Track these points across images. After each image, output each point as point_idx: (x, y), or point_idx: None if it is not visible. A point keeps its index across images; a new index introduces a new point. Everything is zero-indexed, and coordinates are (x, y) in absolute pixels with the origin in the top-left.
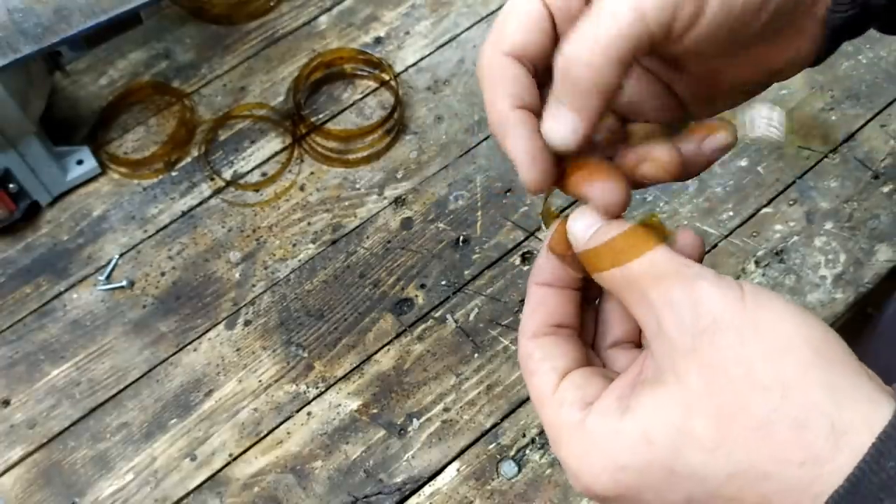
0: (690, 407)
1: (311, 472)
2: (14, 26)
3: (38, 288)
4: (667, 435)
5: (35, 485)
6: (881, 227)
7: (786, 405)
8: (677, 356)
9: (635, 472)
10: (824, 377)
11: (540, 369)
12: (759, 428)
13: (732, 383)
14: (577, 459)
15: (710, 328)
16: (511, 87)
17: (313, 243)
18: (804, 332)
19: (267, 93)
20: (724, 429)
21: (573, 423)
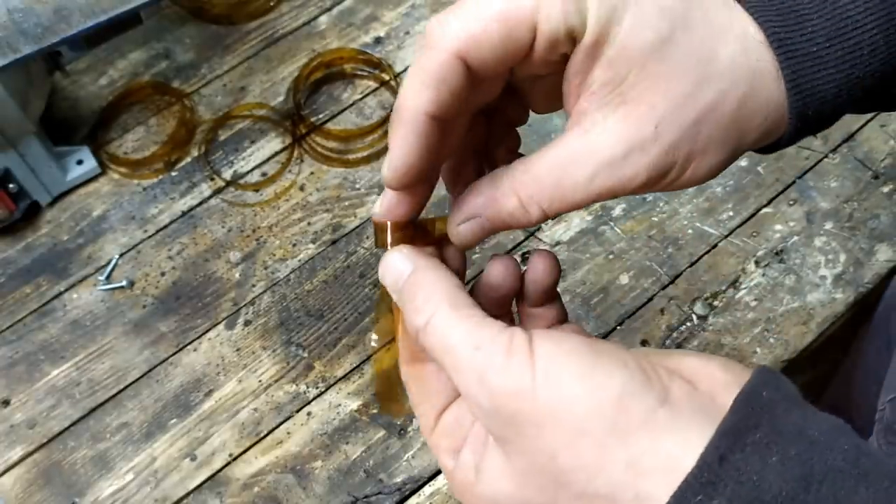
0: (523, 478)
1: (311, 472)
2: (14, 26)
3: (38, 288)
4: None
5: (35, 485)
6: (881, 227)
7: (593, 484)
8: (497, 438)
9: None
10: (621, 453)
11: (420, 408)
12: (579, 497)
13: (544, 469)
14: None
15: (511, 420)
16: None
17: (313, 243)
18: (598, 401)
19: (267, 93)
20: (553, 496)
21: (447, 468)
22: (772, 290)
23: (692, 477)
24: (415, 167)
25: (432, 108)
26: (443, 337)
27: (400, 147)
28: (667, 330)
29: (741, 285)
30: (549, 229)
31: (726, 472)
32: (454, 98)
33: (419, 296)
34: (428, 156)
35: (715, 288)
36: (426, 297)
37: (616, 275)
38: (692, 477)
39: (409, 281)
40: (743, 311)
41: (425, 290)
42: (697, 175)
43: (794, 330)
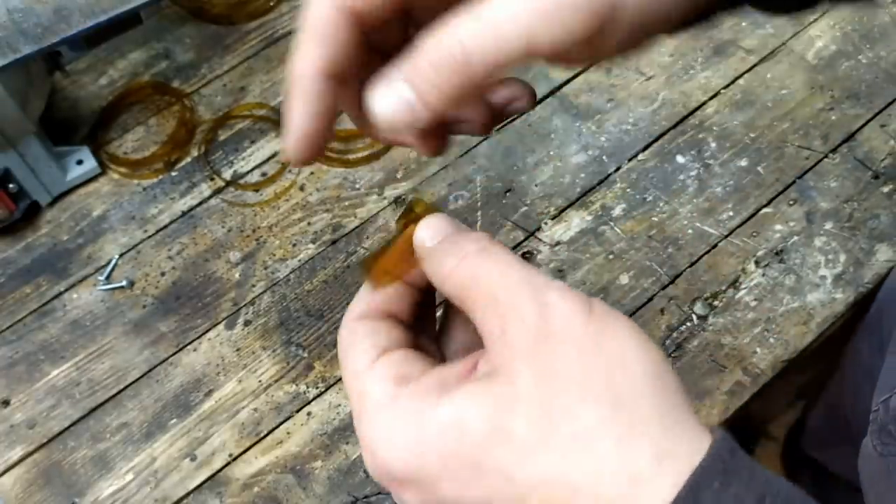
0: (515, 406)
1: (311, 472)
2: (14, 26)
3: (38, 288)
4: (483, 427)
5: (35, 485)
6: (881, 227)
7: (614, 418)
8: (515, 358)
9: (438, 457)
10: (655, 401)
11: (359, 345)
12: (581, 438)
13: (564, 390)
14: (379, 434)
15: (552, 336)
16: (333, 49)
17: (313, 243)
18: (643, 357)
19: (267, 93)
20: (545, 433)
21: (383, 396)
22: (772, 290)
23: (709, 462)
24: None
25: (327, 68)
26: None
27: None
28: (667, 330)
29: (741, 285)
30: (549, 229)
31: (740, 464)
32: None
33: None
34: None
35: (715, 288)
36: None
37: (616, 275)
38: (709, 462)
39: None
40: (743, 311)
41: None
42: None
43: (794, 330)
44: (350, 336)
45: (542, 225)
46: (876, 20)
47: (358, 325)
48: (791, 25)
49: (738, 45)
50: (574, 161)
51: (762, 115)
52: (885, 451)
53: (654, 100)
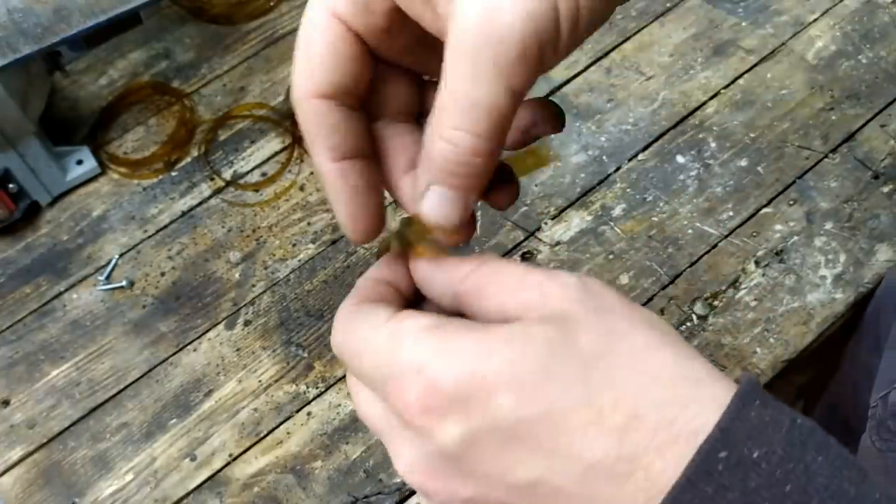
0: (577, 323)
1: (311, 472)
2: (14, 26)
3: (38, 288)
4: (549, 335)
5: (35, 485)
6: (881, 227)
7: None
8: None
9: (502, 362)
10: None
11: (370, 310)
12: (642, 351)
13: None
14: (427, 350)
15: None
16: (329, 137)
17: (313, 243)
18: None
19: (267, 93)
20: (607, 345)
21: (424, 325)
22: (772, 290)
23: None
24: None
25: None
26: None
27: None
28: None
29: (741, 285)
30: (549, 229)
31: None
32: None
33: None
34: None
35: (715, 288)
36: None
37: (616, 275)
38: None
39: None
40: (743, 311)
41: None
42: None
43: (794, 330)
44: (353, 313)
45: (542, 225)
46: (876, 20)
47: (358, 306)
48: (791, 25)
49: (738, 45)
50: (574, 161)
51: (762, 115)
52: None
53: (654, 100)
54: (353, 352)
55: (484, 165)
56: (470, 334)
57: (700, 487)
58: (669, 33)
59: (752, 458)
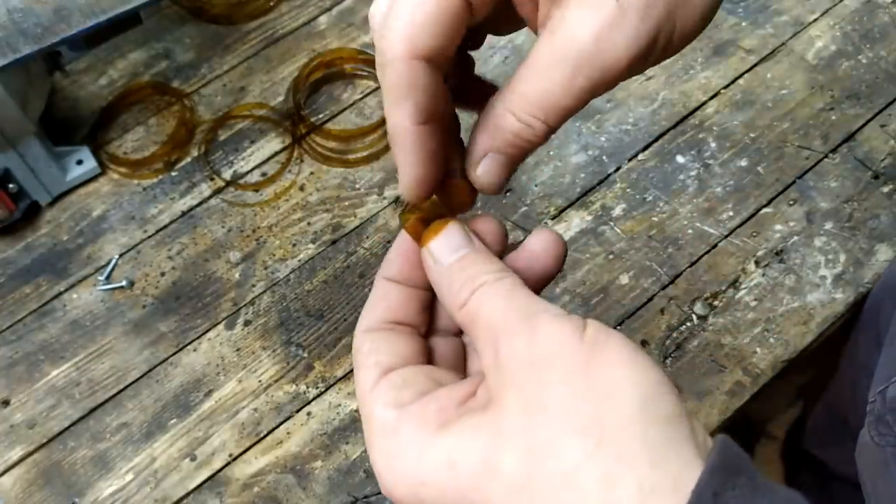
0: (503, 440)
1: (311, 472)
2: (14, 26)
3: (38, 288)
4: (472, 465)
5: (35, 485)
6: (881, 227)
7: (598, 454)
8: (504, 387)
9: (434, 491)
10: (644, 431)
11: (365, 363)
12: (566, 476)
13: (550, 422)
14: (382, 462)
15: (540, 363)
16: (419, 99)
17: (313, 243)
18: (636, 380)
19: (267, 93)
20: (531, 470)
21: (385, 423)
22: (772, 290)
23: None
24: (430, 173)
25: (419, 118)
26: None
27: (407, 166)
28: (667, 330)
29: (741, 285)
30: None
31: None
32: (433, 96)
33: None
34: (435, 157)
35: (715, 288)
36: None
37: (616, 275)
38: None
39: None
40: (743, 311)
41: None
42: (687, 29)
43: (794, 330)
44: (357, 354)
45: (542, 225)
46: (876, 20)
47: (364, 339)
48: (791, 25)
49: (738, 45)
50: (574, 161)
51: (762, 115)
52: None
53: (654, 100)
54: (356, 390)
55: (536, 146)
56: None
57: None
58: None
59: None
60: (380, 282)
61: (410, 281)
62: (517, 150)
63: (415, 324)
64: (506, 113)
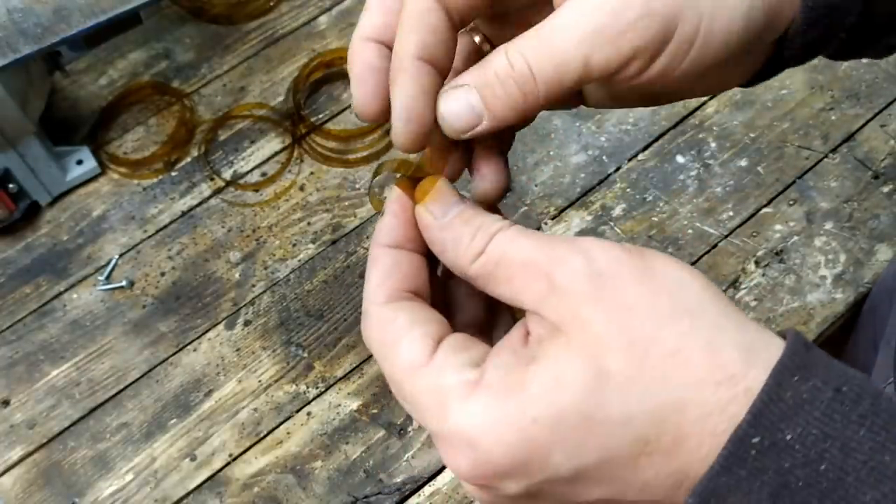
0: (601, 347)
1: (311, 472)
2: (14, 26)
3: (38, 288)
4: (581, 378)
5: (35, 485)
6: (881, 227)
7: (695, 329)
8: (577, 303)
9: (548, 424)
10: (721, 307)
11: (409, 336)
12: (672, 356)
13: (639, 317)
14: (477, 421)
15: (606, 271)
16: (428, 35)
17: (313, 243)
18: (693, 275)
19: (267, 93)
20: (638, 362)
21: (466, 384)
22: (772, 290)
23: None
24: (421, 113)
25: (420, 53)
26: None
27: (401, 98)
28: None
29: (741, 285)
30: (550, 230)
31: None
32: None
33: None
34: (427, 99)
35: None
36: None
37: None
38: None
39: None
40: (743, 311)
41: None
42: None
43: None
44: (389, 327)
45: (542, 225)
46: None
47: (392, 311)
48: None
49: None
50: (574, 161)
51: (762, 115)
52: None
53: None
54: (392, 380)
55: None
56: (512, 398)
57: (734, 471)
58: None
59: (785, 440)
60: (381, 250)
61: (413, 244)
62: (494, 100)
63: (426, 296)
64: (499, 52)
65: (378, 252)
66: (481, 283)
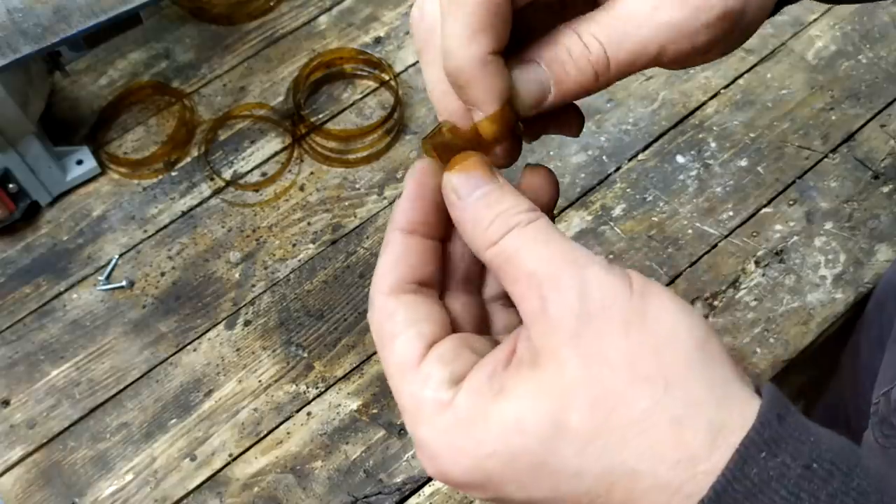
0: (568, 397)
1: (311, 472)
2: (14, 26)
3: (38, 288)
4: (541, 425)
5: (35, 485)
6: (881, 226)
7: (666, 400)
8: (559, 341)
9: (502, 461)
10: (706, 373)
11: (404, 334)
12: (636, 423)
13: (614, 374)
14: (439, 441)
15: (596, 314)
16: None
17: (313, 243)
18: (689, 325)
19: (267, 93)
20: (600, 422)
21: (439, 402)
22: (772, 290)
23: (755, 433)
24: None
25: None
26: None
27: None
28: None
29: (741, 285)
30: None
31: (786, 431)
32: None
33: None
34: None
35: (715, 288)
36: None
37: None
38: (755, 433)
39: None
40: (743, 311)
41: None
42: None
43: (794, 330)
44: (389, 321)
45: None
46: (876, 20)
47: (394, 304)
48: (791, 25)
49: None
50: (574, 161)
51: (762, 115)
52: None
53: (654, 100)
54: (385, 369)
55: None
56: (474, 429)
57: None
58: None
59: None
60: (395, 235)
61: (429, 229)
62: (562, 73)
63: (435, 283)
64: (568, 29)
65: (391, 237)
66: (493, 270)
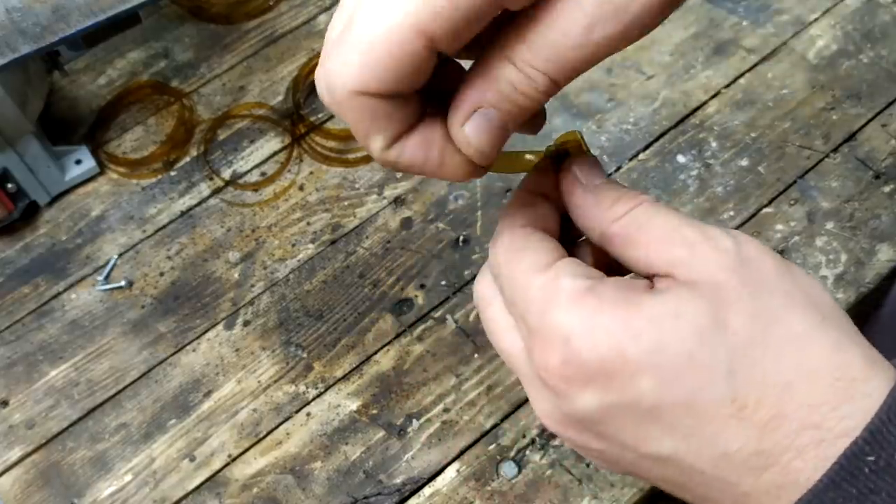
0: (729, 301)
1: (311, 472)
2: (12, 26)
3: (37, 288)
4: (699, 317)
5: (34, 485)
6: (882, 226)
7: (825, 326)
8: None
9: (648, 347)
10: (850, 323)
11: (537, 248)
12: (795, 340)
13: (772, 297)
14: (578, 322)
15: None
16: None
17: (313, 243)
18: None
19: (266, 92)
20: (758, 332)
21: (579, 289)
22: None
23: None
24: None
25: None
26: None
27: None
28: None
29: None
30: None
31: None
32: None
33: None
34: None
35: None
36: None
37: None
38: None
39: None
40: None
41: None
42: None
43: None
44: (522, 240)
45: None
46: (877, 19)
47: (529, 231)
48: (792, 25)
49: (739, 44)
50: None
51: (763, 115)
52: None
53: (655, 99)
54: (509, 282)
55: (536, 106)
56: (621, 309)
57: (844, 488)
58: (670, 32)
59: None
60: (525, 193)
61: (552, 197)
62: (513, 108)
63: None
64: (504, 61)
65: (522, 193)
66: (617, 244)
